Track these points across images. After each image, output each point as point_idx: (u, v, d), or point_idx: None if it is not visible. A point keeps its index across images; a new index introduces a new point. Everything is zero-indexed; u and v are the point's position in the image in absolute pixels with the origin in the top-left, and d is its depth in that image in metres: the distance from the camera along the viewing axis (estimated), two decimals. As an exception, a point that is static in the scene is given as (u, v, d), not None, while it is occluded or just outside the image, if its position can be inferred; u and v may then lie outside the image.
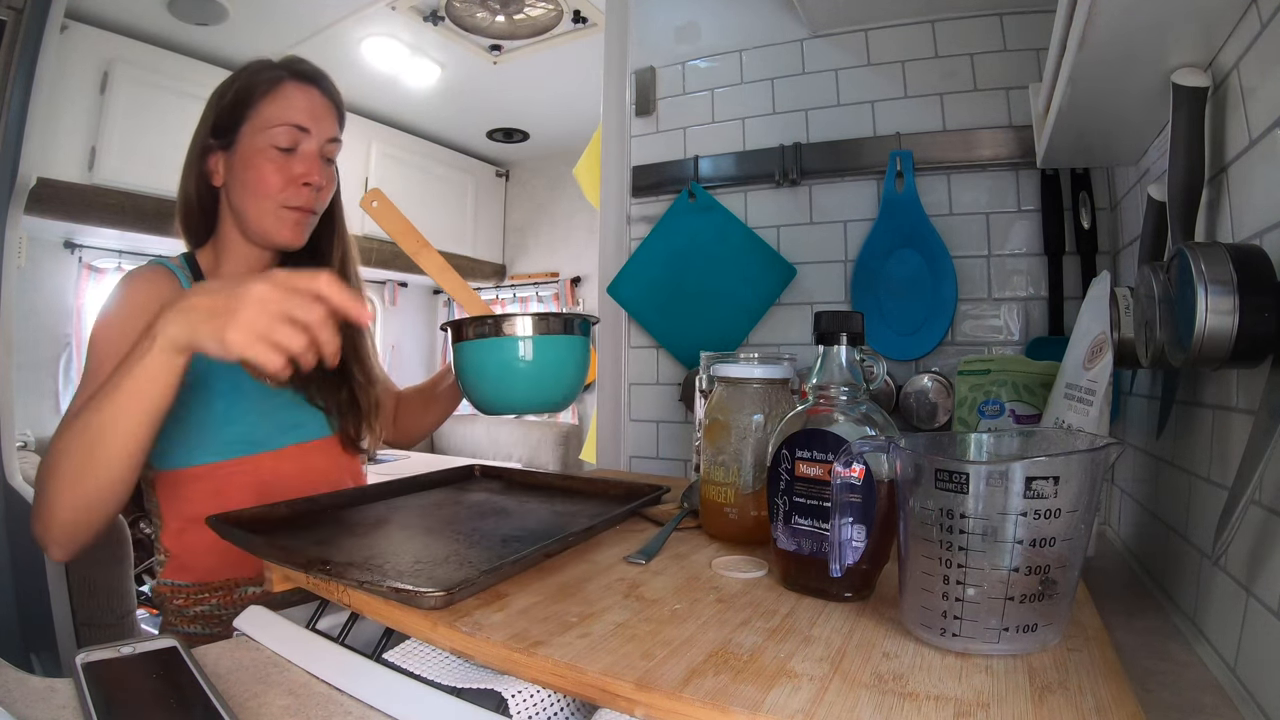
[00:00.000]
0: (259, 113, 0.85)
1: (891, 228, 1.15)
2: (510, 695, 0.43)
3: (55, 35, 1.72)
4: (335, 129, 0.91)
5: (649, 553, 0.63)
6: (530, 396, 0.75)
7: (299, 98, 0.86)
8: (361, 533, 0.67)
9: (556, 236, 4.36)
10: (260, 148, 0.84)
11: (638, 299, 1.35)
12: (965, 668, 0.41)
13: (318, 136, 0.87)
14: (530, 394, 0.74)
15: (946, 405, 1.08)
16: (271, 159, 0.84)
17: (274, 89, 0.85)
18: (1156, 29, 0.53)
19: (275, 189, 0.85)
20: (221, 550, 0.80)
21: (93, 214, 2.47)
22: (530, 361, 0.73)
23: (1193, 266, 0.42)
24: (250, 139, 0.85)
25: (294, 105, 0.86)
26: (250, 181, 0.85)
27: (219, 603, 0.84)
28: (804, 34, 1.24)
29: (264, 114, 0.85)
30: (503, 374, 0.73)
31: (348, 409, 0.94)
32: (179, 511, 0.84)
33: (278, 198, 0.85)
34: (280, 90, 0.86)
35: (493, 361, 0.73)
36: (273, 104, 0.85)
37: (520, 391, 0.74)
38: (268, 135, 0.84)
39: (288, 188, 0.85)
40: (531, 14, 2.58)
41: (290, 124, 0.85)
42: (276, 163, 0.85)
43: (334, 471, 0.92)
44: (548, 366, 0.74)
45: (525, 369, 0.73)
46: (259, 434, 0.85)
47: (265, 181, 0.84)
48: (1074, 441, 0.47)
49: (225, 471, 0.83)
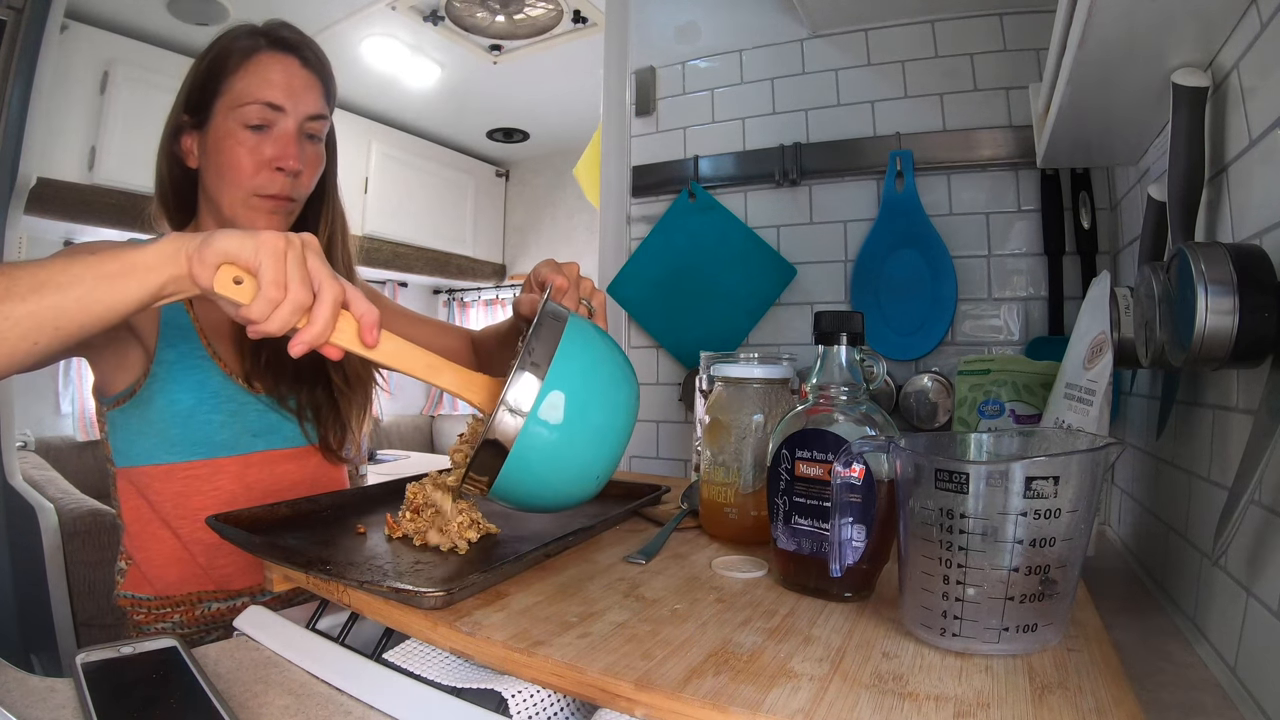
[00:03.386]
0: (231, 87, 0.76)
1: (891, 228, 1.15)
2: (510, 695, 0.43)
3: (55, 35, 1.72)
4: (319, 104, 0.80)
5: (649, 553, 0.63)
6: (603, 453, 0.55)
7: (275, 70, 0.76)
8: (363, 532, 0.67)
9: (556, 236, 4.36)
10: (231, 128, 0.75)
11: (638, 299, 1.35)
12: (965, 668, 0.41)
13: (295, 114, 0.77)
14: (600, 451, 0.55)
15: (946, 405, 1.08)
16: (242, 141, 0.75)
17: (248, 60, 0.76)
18: (1156, 29, 0.53)
19: (246, 174, 0.76)
20: (182, 560, 0.79)
21: (93, 214, 2.47)
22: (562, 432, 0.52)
23: (1193, 266, 0.42)
24: (222, 118, 0.76)
25: (268, 79, 0.76)
26: (220, 165, 0.76)
27: (181, 619, 0.79)
28: (804, 34, 1.24)
29: (236, 89, 0.75)
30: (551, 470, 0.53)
31: (327, 415, 0.87)
32: (139, 513, 0.80)
33: (249, 184, 0.76)
34: (255, 61, 0.76)
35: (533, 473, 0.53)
36: (245, 78, 0.76)
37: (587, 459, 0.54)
38: (239, 114, 0.75)
39: (260, 173, 0.76)
40: (531, 14, 2.58)
41: (262, 101, 0.75)
42: (247, 145, 0.75)
43: (307, 483, 0.85)
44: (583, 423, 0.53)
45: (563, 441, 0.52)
46: (225, 436, 0.80)
47: (236, 166, 0.75)
48: (1074, 441, 0.47)
49: (187, 473, 0.78)
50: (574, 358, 0.52)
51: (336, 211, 0.89)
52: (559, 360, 0.51)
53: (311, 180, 0.82)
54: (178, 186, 0.82)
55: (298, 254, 0.49)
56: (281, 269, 0.47)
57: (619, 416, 0.55)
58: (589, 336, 0.56)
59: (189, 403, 0.78)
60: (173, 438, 0.78)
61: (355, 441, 0.91)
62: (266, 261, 0.47)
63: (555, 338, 0.52)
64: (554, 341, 0.52)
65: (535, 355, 0.51)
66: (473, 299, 4.64)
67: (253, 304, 0.47)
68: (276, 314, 0.48)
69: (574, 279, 0.70)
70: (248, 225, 0.78)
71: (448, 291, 4.72)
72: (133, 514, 0.81)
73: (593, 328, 0.58)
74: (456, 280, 4.37)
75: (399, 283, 4.35)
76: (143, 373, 0.77)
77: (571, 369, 0.52)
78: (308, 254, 0.49)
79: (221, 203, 0.78)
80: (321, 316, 0.49)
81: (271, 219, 0.79)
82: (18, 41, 1.64)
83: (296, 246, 0.49)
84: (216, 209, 0.79)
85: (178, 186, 0.82)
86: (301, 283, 0.48)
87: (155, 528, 0.80)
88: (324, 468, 0.89)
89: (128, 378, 0.78)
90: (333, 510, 0.73)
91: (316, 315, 0.49)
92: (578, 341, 0.54)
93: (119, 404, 0.78)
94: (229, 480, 0.80)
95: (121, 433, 0.79)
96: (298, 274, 0.48)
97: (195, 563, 0.80)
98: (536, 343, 0.52)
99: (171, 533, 0.79)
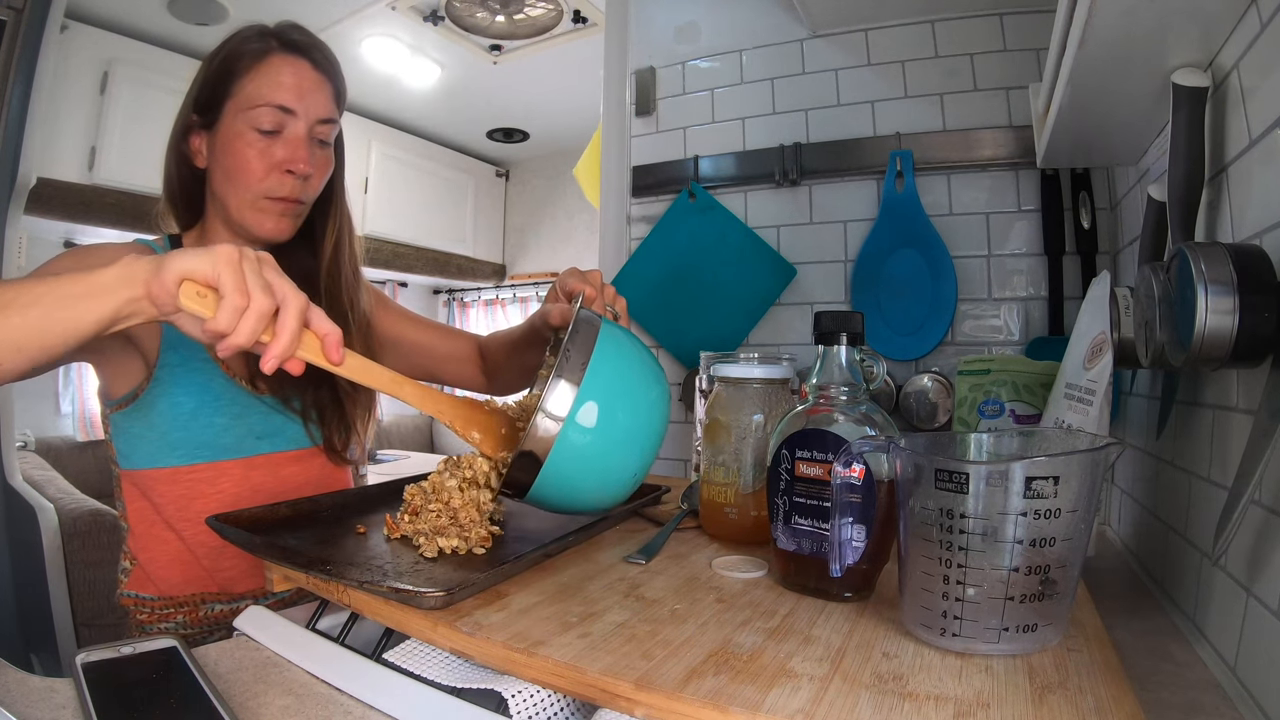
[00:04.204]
0: (242, 89, 0.76)
1: (891, 228, 1.15)
2: (510, 695, 0.43)
3: (55, 35, 1.72)
4: (329, 108, 0.80)
5: (649, 553, 0.63)
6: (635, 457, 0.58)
7: (286, 73, 0.77)
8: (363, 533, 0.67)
9: (556, 236, 4.36)
10: (240, 130, 0.76)
11: (638, 299, 1.35)
12: (965, 668, 0.41)
13: (306, 118, 0.77)
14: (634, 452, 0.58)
15: (946, 405, 1.08)
16: (252, 143, 0.76)
17: (259, 62, 0.76)
18: (1156, 29, 0.53)
19: (256, 177, 0.76)
20: (186, 562, 0.79)
21: (93, 214, 2.47)
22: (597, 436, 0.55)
23: (1193, 266, 0.42)
24: (232, 119, 0.76)
25: (280, 82, 0.76)
26: (230, 168, 0.76)
27: (185, 619, 0.79)
28: (804, 34, 1.24)
29: (247, 91, 0.76)
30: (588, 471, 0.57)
31: (332, 416, 0.87)
32: (144, 515, 0.80)
33: (258, 187, 0.76)
34: (266, 64, 0.76)
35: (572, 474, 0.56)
36: (256, 80, 0.76)
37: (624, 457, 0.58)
38: (249, 116, 0.75)
39: (270, 175, 0.76)
40: (531, 14, 2.58)
41: (273, 104, 0.75)
42: (258, 148, 0.76)
43: (311, 485, 0.85)
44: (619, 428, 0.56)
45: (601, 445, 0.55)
46: (227, 439, 0.80)
47: (245, 169, 0.76)
48: (1074, 441, 0.47)
49: (191, 476, 0.78)
50: (611, 360, 0.55)
51: (343, 215, 0.89)
52: (597, 364, 0.54)
53: (320, 183, 0.82)
54: (185, 186, 0.82)
55: (253, 263, 0.49)
56: (240, 277, 0.48)
57: (655, 415, 0.58)
58: (622, 341, 0.59)
59: (191, 405, 0.78)
60: (175, 441, 0.78)
61: (360, 442, 0.91)
62: (225, 272, 0.47)
63: (591, 343, 0.55)
64: (589, 346, 0.55)
65: (572, 361, 0.53)
66: (473, 299, 4.64)
67: (218, 315, 0.48)
68: (243, 322, 0.48)
69: (599, 287, 0.72)
70: (255, 226, 0.78)
71: (448, 291, 4.73)
72: (137, 516, 0.81)
73: (625, 332, 0.61)
74: (456, 280, 4.37)
75: (399, 283, 4.35)
76: (144, 378, 0.77)
77: (610, 372, 0.55)
78: (264, 267, 0.50)
79: (229, 203, 0.78)
80: (288, 328, 0.49)
81: (280, 221, 0.79)
82: (18, 41, 1.64)
83: (251, 257, 0.49)
84: (224, 209, 0.79)
85: (185, 186, 0.82)
86: (263, 290, 0.49)
87: (159, 530, 0.79)
88: (328, 469, 0.88)
89: (129, 383, 0.78)
90: (333, 510, 0.73)
91: (283, 326, 0.49)
92: (612, 345, 0.57)
93: (122, 407, 0.78)
94: (232, 483, 0.80)
95: (125, 435, 0.79)
96: (257, 281, 0.48)
97: (199, 565, 0.80)
98: (573, 348, 0.54)
99: (175, 535, 0.79)
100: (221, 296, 0.48)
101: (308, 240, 0.86)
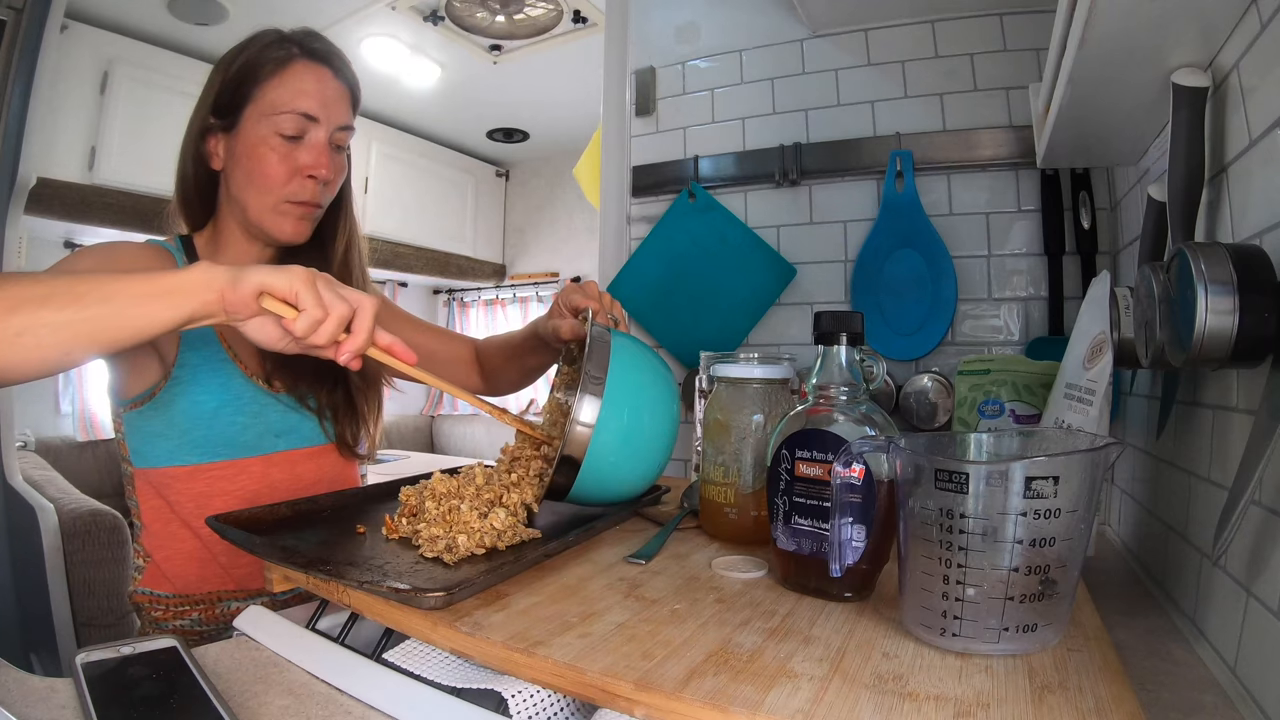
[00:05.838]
0: (264, 95, 0.77)
1: (891, 228, 1.15)
2: (510, 695, 0.43)
3: (55, 35, 1.72)
4: (347, 115, 0.82)
5: (649, 553, 0.63)
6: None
7: (309, 81, 0.78)
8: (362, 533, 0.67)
9: (556, 236, 4.36)
10: (263, 135, 0.77)
11: (638, 299, 1.35)
12: (965, 668, 0.41)
13: (327, 124, 0.79)
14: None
15: (946, 405, 1.08)
16: (275, 148, 0.77)
17: (282, 69, 0.77)
18: (1156, 29, 0.53)
19: (279, 182, 0.77)
20: (203, 560, 0.80)
21: (93, 214, 2.47)
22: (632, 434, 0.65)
23: (1193, 266, 0.42)
24: (254, 124, 0.77)
25: (304, 90, 0.77)
26: (252, 171, 0.77)
27: (200, 617, 0.80)
28: (804, 34, 1.24)
29: (270, 97, 0.77)
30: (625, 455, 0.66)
31: (344, 413, 0.89)
32: (159, 513, 0.80)
33: (280, 191, 0.78)
34: (289, 71, 0.77)
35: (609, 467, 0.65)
36: (280, 87, 0.77)
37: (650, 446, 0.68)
38: (273, 122, 0.76)
39: (292, 180, 0.78)
40: (531, 14, 2.58)
41: (298, 112, 0.77)
42: (280, 152, 0.77)
43: (325, 480, 0.87)
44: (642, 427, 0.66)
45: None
46: (248, 437, 0.81)
47: (268, 173, 0.77)
48: (1074, 441, 0.47)
49: (210, 474, 0.79)
50: (626, 369, 0.64)
51: (352, 219, 0.91)
52: (615, 375, 0.63)
53: (336, 188, 0.84)
54: (201, 187, 0.83)
55: (326, 280, 0.56)
56: (316, 294, 0.54)
57: (670, 415, 0.69)
58: (632, 349, 0.68)
59: (212, 405, 0.79)
60: (196, 439, 0.79)
61: (370, 437, 0.93)
62: (302, 290, 0.54)
63: (606, 356, 0.64)
64: (605, 360, 0.64)
65: (594, 375, 0.63)
66: (473, 299, 4.64)
67: (297, 322, 0.54)
68: (323, 328, 0.55)
69: (598, 298, 0.76)
70: (275, 229, 0.80)
71: (447, 291, 4.73)
72: (152, 514, 0.81)
73: (633, 339, 0.69)
74: (456, 280, 4.37)
75: (399, 283, 4.35)
76: (161, 376, 0.78)
77: (626, 380, 0.64)
78: (334, 283, 0.57)
79: (249, 206, 0.79)
80: (364, 328, 0.57)
81: (300, 224, 0.81)
82: (18, 41, 1.64)
83: (323, 277, 0.56)
84: (242, 212, 0.80)
85: (201, 187, 0.83)
86: (340, 300, 0.56)
87: (175, 528, 0.80)
88: (339, 465, 0.90)
89: (145, 382, 0.78)
90: (333, 510, 0.73)
91: (359, 327, 0.57)
92: (626, 355, 0.66)
93: (136, 406, 0.78)
94: (252, 480, 0.81)
95: (140, 434, 0.79)
96: (332, 295, 0.55)
97: (216, 562, 0.80)
98: (592, 364, 0.63)
99: (192, 533, 0.80)
100: (301, 310, 0.54)
101: (318, 243, 0.87)
